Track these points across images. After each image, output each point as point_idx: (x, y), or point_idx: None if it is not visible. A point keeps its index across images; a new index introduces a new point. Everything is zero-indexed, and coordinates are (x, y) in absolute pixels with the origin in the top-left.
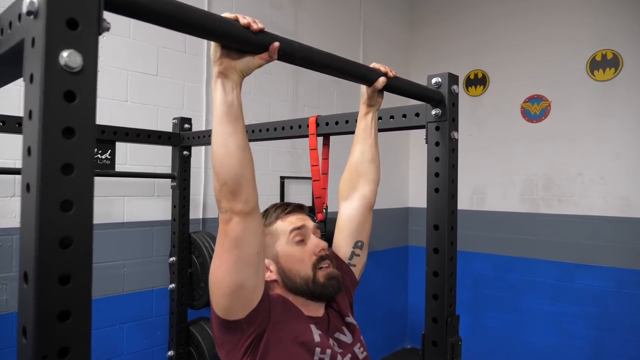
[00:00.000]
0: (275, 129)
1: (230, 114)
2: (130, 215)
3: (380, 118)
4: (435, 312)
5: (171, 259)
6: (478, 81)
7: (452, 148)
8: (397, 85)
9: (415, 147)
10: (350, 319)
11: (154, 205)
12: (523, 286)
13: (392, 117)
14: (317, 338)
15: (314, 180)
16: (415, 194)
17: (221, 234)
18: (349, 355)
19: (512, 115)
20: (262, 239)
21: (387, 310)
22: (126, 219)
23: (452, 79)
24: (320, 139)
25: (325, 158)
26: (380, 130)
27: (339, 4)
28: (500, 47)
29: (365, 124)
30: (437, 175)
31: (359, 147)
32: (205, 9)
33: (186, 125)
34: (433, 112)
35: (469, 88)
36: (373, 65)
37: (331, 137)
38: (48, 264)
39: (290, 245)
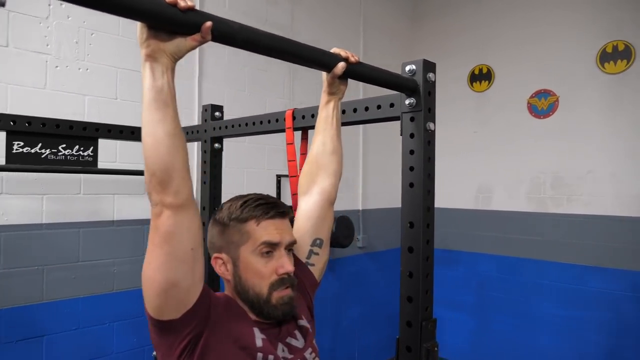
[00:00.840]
0: (253, 124)
1: (159, 100)
2: (120, 214)
3: (355, 110)
4: (409, 316)
5: None
6: (483, 76)
7: (428, 140)
8: (361, 72)
9: None
10: (303, 322)
11: (144, 204)
12: (531, 289)
13: (366, 108)
14: (259, 343)
15: (291, 177)
16: None
17: (152, 228)
18: None
19: (518, 111)
20: (197, 235)
21: (390, 312)
22: (116, 217)
23: (428, 66)
24: (298, 134)
25: (304, 153)
26: (354, 122)
27: None
28: (506, 41)
29: (326, 113)
30: (411, 169)
31: (320, 139)
32: (198, 6)
33: None
34: (407, 101)
35: (474, 83)
36: (334, 50)
37: (310, 131)
38: None
39: (255, 255)
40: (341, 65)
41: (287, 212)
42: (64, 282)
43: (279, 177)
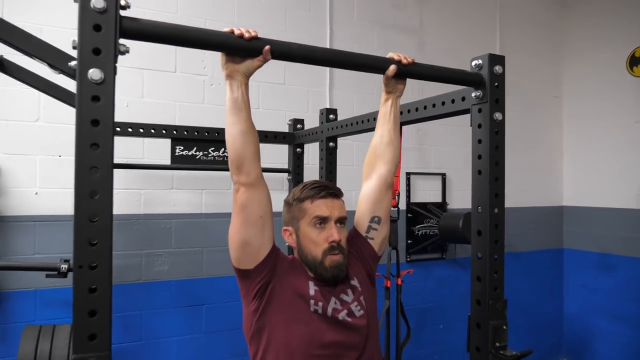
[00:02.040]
0: (357, 123)
1: (235, 108)
2: None
3: (434, 105)
4: (478, 295)
5: None
6: None
7: (496, 130)
8: (418, 71)
9: (570, 136)
10: (354, 282)
11: (282, 198)
12: None
13: (443, 103)
14: (312, 292)
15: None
16: (571, 190)
17: (233, 201)
18: (345, 311)
19: None
20: (266, 206)
21: (534, 319)
22: None
23: (495, 59)
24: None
25: None
26: (431, 117)
27: None
28: None
29: (384, 110)
30: (479, 157)
31: (379, 131)
32: (327, 12)
33: (298, 126)
34: (473, 94)
35: (634, 68)
36: (389, 55)
37: (404, 127)
38: (81, 207)
39: (310, 227)
40: (392, 67)
41: (337, 194)
42: (219, 262)
43: (408, 174)
